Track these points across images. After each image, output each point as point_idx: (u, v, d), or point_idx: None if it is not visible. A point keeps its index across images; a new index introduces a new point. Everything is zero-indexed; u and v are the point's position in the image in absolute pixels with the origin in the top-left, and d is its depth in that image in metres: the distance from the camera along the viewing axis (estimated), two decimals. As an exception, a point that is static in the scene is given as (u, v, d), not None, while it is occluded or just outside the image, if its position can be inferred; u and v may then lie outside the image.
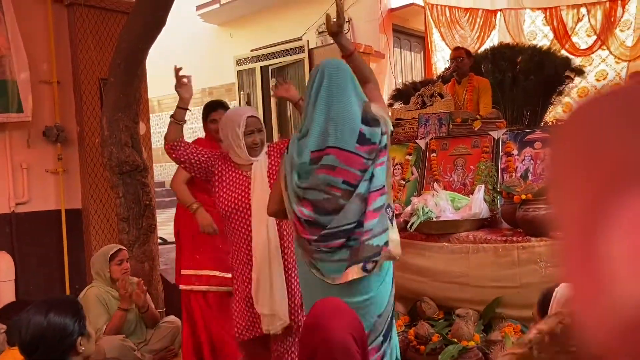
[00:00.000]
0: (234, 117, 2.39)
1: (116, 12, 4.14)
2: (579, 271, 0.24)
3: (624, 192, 0.22)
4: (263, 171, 2.38)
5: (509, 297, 2.63)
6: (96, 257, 3.15)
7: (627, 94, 0.27)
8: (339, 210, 1.85)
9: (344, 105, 1.89)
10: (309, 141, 1.90)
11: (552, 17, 6.71)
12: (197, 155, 2.42)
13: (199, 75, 9.27)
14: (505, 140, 3.33)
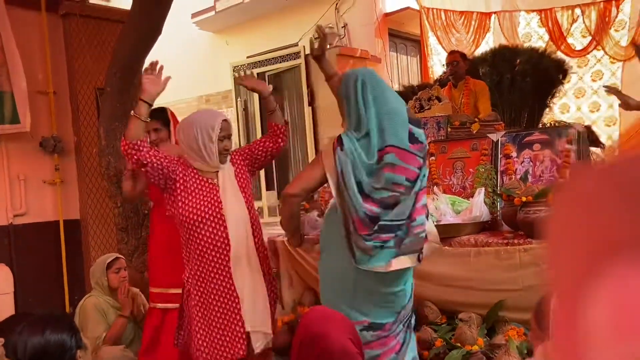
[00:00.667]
0: (208, 120, 2.26)
1: (111, 22, 4.13)
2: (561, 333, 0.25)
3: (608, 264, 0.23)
4: (232, 179, 2.30)
5: (512, 300, 2.61)
6: (95, 266, 3.14)
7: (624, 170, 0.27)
8: (396, 204, 1.96)
9: (393, 104, 2.03)
10: (373, 141, 1.97)
11: (547, 18, 6.73)
12: (160, 158, 2.20)
13: (196, 83, 9.31)
14: (503, 143, 3.33)
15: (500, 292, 2.65)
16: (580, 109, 6.52)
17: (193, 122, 2.30)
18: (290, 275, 3.46)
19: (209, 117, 2.30)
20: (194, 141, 2.24)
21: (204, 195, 2.23)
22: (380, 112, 1.99)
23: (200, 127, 2.24)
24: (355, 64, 7.01)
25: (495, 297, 2.66)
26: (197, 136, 2.23)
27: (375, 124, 1.98)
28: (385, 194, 1.94)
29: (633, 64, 6.19)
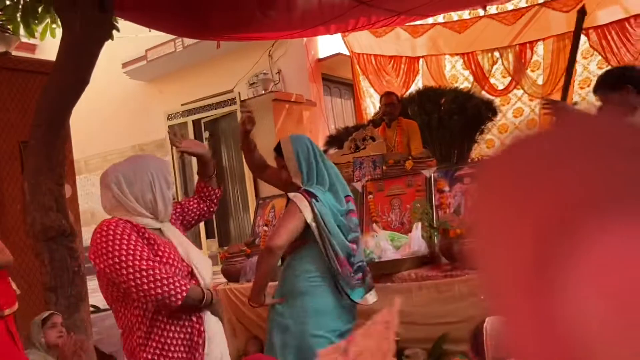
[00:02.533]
0: (161, 164, 1.93)
1: (36, 74, 4.00)
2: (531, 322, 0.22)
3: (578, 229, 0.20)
4: (177, 232, 1.97)
5: (454, 332, 2.64)
6: (31, 325, 2.97)
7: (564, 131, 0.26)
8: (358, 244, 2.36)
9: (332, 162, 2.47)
10: (339, 191, 2.35)
11: (470, 61, 7.17)
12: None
13: (130, 132, 9.12)
14: (436, 178, 3.44)
15: (442, 325, 2.69)
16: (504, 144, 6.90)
17: (146, 166, 1.88)
18: (233, 325, 3.36)
19: (159, 161, 1.96)
20: (148, 189, 1.83)
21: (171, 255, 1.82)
22: (329, 167, 2.37)
23: (156, 172, 1.86)
24: (291, 107, 7.13)
25: (438, 330, 2.68)
26: (153, 182, 1.83)
27: (333, 177, 2.36)
28: (355, 235, 2.34)
29: (550, 100, 6.67)
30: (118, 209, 1.82)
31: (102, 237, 1.71)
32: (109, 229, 1.73)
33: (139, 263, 1.67)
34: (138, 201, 1.81)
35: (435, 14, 6.07)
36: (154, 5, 3.59)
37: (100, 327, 4.44)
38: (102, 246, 1.69)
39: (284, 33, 4.96)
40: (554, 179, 0.22)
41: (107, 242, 1.69)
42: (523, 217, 0.23)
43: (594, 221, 0.20)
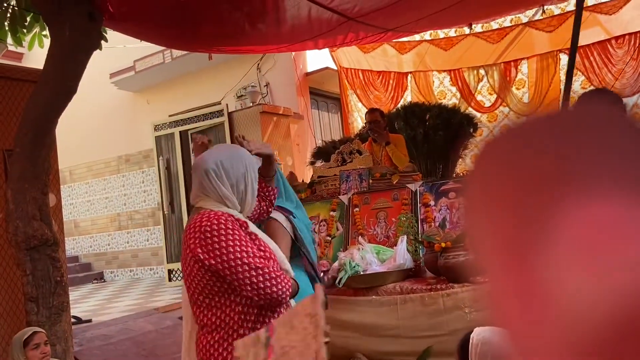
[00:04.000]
0: (251, 156, 1.88)
1: (23, 82, 3.98)
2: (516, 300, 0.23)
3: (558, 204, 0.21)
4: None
5: (439, 345, 2.65)
6: (12, 344, 2.87)
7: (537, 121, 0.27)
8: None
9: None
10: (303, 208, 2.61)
11: (456, 78, 7.28)
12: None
13: (116, 143, 9.07)
14: (422, 192, 3.48)
15: (427, 339, 2.70)
16: (490, 159, 6.98)
17: (242, 156, 1.82)
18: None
19: (248, 154, 1.89)
20: (242, 179, 1.77)
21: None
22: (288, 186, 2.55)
23: (249, 163, 1.82)
24: (279, 120, 7.16)
25: (423, 343, 2.69)
26: (247, 173, 1.78)
27: (295, 194, 2.57)
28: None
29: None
30: (209, 197, 1.75)
31: (214, 231, 1.63)
32: (220, 222, 1.65)
33: (253, 261, 1.63)
34: (232, 190, 1.76)
35: (422, 31, 6.17)
36: (143, 17, 3.60)
37: (80, 339, 4.38)
38: (214, 241, 1.62)
39: (273, 46, 5.01)
40: (535, 161, 0.23)
41: (220, 237, 1.63)
42: (505, 197, 0.24)
43: (573, 197, 0.21)
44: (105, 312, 5.60)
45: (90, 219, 9.69)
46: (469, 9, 4.36)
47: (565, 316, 0.20)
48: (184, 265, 1.72)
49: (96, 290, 8.07)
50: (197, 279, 1.66)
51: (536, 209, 0.22)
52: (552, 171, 0.23)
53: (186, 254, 1.68)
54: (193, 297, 1.70)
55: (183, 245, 1.73)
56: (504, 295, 0.23)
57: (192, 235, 1.65)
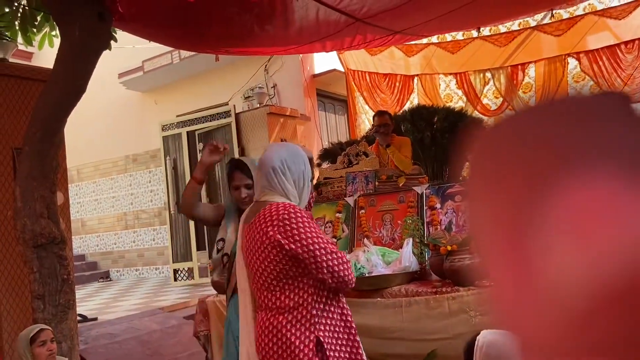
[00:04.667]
0: (307, 155, 2.01)
1: (33, 81, 4.01)
2: (510, 272, 0.23)
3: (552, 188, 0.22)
4: None
5: (443, 349, 2.65)
6: (18, 341, 2.87)
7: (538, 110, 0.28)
8: None
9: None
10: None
11: (462, 81, 7.27)
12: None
13: (123, 142, 9.12)
14: (428, 195, 3.48)
15: (432, 342, 2.69)
16: (497, 163, 6.97)
17: (302, 154, 1.95)
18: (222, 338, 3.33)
19: (305, 153, 2.00)
20: (301, 176, 1.91)
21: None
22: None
23: (307, 161, 1.95)
24: (286, 122, 7.18)
25: (427, 346, 2.69)
26: (305, 171, 1.92)
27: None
28: None
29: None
30: (274, 191, 1.87)
31: (292, 219, 1.75)
32: (296, 211, 1.78)
33: (327, 246, 1.75)
34: (294, 185, 1.89)
35: (430, 34, 6.17)
36: (152, 18, 3.62)
37: (86, 337, 4.40)
38: (293, 227, 1.74)
39: (281, 48, 5.02)
40: (529, 149, 0.24)
41: (298, 224, 1.75)
42: (502, 182, 0.25)
43: (566, 181, 0.22)
44: (110, 311, 5.62)
45: (97, 217, 9.74)
46: (478, 12, 4.35)
47: (556, 289, 0.21)
48: (254, 253, 1.82)
49: (102, 288, 8.11)
50: (273, 263, 1.76)
51: (531, 192, 0.23)
52: (546, 157, 0.23)
53: (260, 242, 1.78)
54: (266, 281, 1.79)
55: (251, 235, 1.84)
56: (501, 272, 0.24)
57: (271, 224, 1.76)
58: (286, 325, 1.75)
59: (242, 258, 1.95)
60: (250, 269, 1.87)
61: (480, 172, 0.27)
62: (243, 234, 1.92)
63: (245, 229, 1.90)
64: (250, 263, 1.86)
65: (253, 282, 1.87)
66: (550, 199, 0.22)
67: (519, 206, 0.23)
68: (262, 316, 1.82)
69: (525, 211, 0.23)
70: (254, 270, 1.84)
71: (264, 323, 1.80)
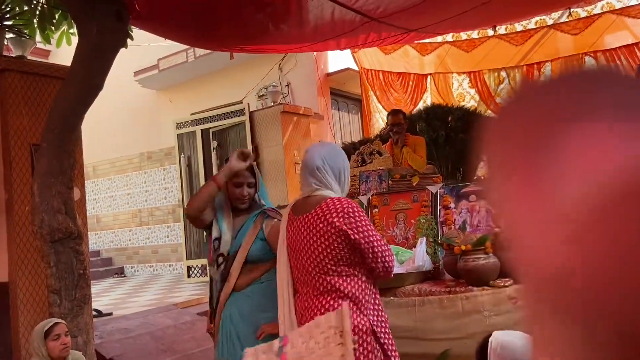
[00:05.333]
0: (342, 152, 2.23)
1: (50, 78, 4.06)
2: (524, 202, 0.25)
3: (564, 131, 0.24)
4: None
5: (457, 349, 2.64)
6: (32, 334, 2.90)
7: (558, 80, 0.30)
8: None
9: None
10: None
11: (476, 80, 7.22)
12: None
13: (138, 140, 9.20)
14: (442, 194, 3.46)
15: (445, 341, 2.68)
16: (512, 163, 6.90)
17: (342, 153, 2.18)
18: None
19: (342, 150, 2.23)
20: (342, 174, 2.13)
21: None
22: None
23: (345, 158, 2.18)
24: (299, 120, 7.19)
25: (441, 346, 2.68)
26: (345, 168, 2.14)
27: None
28: None
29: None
30: (324, 188, 2.08)
31: (355, 212, 1.97)
32: (356, 205, 2.02)
33: (382, 239, 2.01)
34: (337, 180, 2.11)
35: (445, 32, 6.14)
36: (169, 16, 3.65)
37: (101, 331, 4.46)
38: (357, 219, 1.96)
39: (295, 46, 5.03)
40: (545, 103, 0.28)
41: (361, 217, 1.98)
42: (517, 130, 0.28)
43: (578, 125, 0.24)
44: (125, 306, 5.69)
45: (112, 214, 9.84)
46: (494, 10, 4.32)
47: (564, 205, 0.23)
48: (314, 241, 2.01)
49: (117, 284, 8.20)
50: (336, 250, 1.97)
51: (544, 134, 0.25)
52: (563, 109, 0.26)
53: (324, 231, 1.98)
54: (326, 266, 1.98)
55: (309, 225, 2.03)
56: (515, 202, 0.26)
57: (336, 215, 1.96)
58: (337, 308, 1.89)
59: (285, 248, 2.13)
60: (305, 256, 2.03)
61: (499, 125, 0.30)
62: (294, 226, 2.10)
63: (299, 221, 2.07)
64: (304, 251, 2.03)
65: (310, 267, 2.02)
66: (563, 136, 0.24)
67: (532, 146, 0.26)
68: (320, 299, 1.98)
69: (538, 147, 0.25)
70: (312, 256, 2.01)
71: (323, 305, 1.96)
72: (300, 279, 2.07)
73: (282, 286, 2.12)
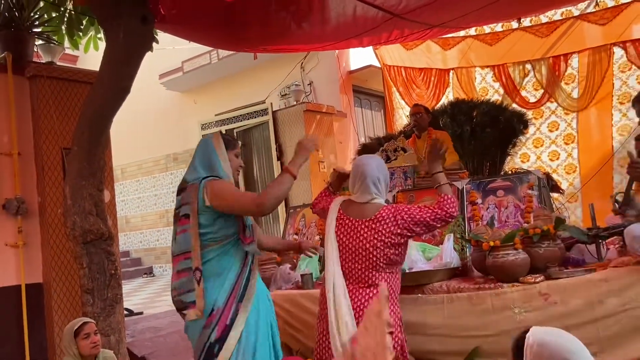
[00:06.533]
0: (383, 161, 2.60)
1: (79, 83, 4.16)
2: None
3: None
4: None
5: (487, 346, 2.61)
6: (63, 334, 2.97)
7: None
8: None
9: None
10: None
11: (500, 73, 7.10)
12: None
13: (164, 141, 9.34)
14: (469, 190, 3.43)
15: (475, 339, 2.65)
16: (540, 157, 6.80)
17: (384, 165, 2.55)
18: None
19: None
20: (388, 181, 2.51)
21: None
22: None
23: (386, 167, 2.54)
24: (322, 118, 7.20)
25: (470, 343, 2.65)
26: (387, 179, 2.51)
27: None
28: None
29: (587, 114, 6.55)
30: (379, 196, 2.42)
31: (405, 212, 2.32)
32: (404, 207, 2.37)
33: (428, 213, 2.33)
34: (387, 189, 2.49)
35: (468, 26, 6.06)
36: (193, 19, 3.69)
37: (132, 330, 4.54)
38: (409, 217, 2.31)
39: (318, 45, 5.03)
40: None
41: (411, 212, 2.33)
42: None
43: None
44: (155, 305, 5.78)
45: (140, 215, 10.02)
46: (519, 2, 4.25)
47: None
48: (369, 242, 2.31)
49: (146, 284, 8.34)
50: (390, 251, 2.29)
51: None
52: None
53: (385, 235, 2.30)
54: (377, 264, 2.29)
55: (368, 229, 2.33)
56: None
57: (394, 221, 2.31)
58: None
59: (336, 246, 2.38)
60: (359, 255, 2.32)
61: None
62: (347, 226, 2.37)
63: (357, 223, 2.35)
64: (359, 251, 2.32)
65: (363, 265, 2.30)
66: None
67: None
68: (368, 291, 2.28)
69: None
70: (369, 256, 2.30)
71: (364, 295, 2.28)
72: (347, 273, 2.33)
73: (332, 279, 2.32)
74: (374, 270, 2.29)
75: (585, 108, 6.55)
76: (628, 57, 6.31)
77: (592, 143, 6.51)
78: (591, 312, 2.40)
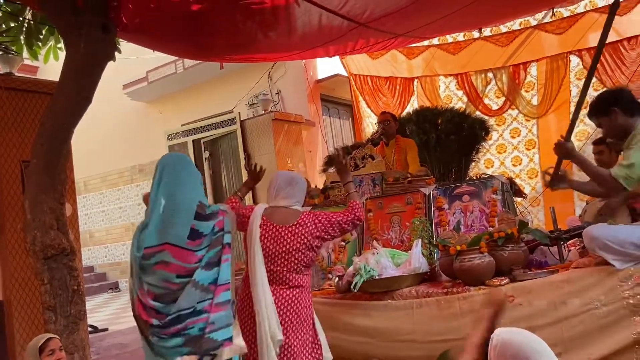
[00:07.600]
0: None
1: (39, 94, 4.05)
2: None
3: None
4: None
5: (456, 350, 2.63)
6: (27, 351, 2.86)
7: None
8: (176, 300, 1.98)
9: (178, 201, 2.10)
10: (146, 237, 2.05)
11: (464, 82, 7.27)
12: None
13: (129, 153, 9.16)
14: (435, 196, 3.48)
15: (444, 343, 2.68)
16: (503, 163, 6.96)
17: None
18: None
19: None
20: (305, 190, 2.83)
21: None
22: (166, 207, 2.08)
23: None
24: (290, 127, 7.19)
25: (439, 348, 2.68)
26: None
27: (155, 219, 2.09)
28: (159, 290, 2.02)
29: (546, 120, 6.76)
30: (296, 203, 2.66)
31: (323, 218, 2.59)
32: (321, 213, 2.67)
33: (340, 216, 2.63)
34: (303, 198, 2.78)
35: (432, 36, 6.17)
36: (157, 28, 3.65)
37: (97, 347, 4.42)
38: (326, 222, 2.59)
39: (284, 54, 5.04)
40: None
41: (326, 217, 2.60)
42: None
43: None
44: (121, 321, 5.64)
45: (104, 229, 9.77)
46: (479, 12, 4.36)
47: None
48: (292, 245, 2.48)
49: (111, 299, 8.12)
50: (310, 254, 2.52)
51: None
52: None
53: (306, 239, 2.49)
54: (298, 266, 2.48)
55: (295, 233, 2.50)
56: None
57: (314, 226, 2.54)
58: (306, 298, 2.50)
59: (260, 250, 2.47)
60: (282, 258, 2.47)
61: None
62: (271, 231, 2.50)
63: (280, 229, 2.50)
64: (282, 254, 2.47)
65: (285, 268, 2.46)
66: None
67: None
68: (290, 292, 2.45)
69: None
70: (291, 259, 2.47)
71: (294, 297, 2.45)
72: (271, 275, 2.46)
73: (261, 282, 2.41)
74: (295, 273, 2.48)
75: (544, 114, 6.75)
76: (584, 65, 6.55)
77: (552, 148, 6.69)
78: (555, 313, 2.46)
